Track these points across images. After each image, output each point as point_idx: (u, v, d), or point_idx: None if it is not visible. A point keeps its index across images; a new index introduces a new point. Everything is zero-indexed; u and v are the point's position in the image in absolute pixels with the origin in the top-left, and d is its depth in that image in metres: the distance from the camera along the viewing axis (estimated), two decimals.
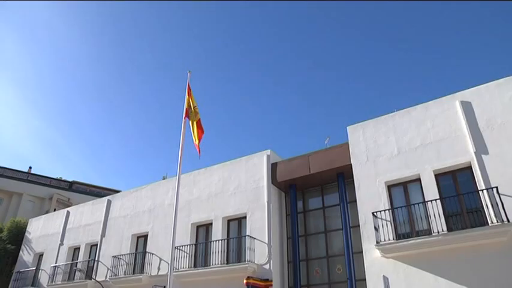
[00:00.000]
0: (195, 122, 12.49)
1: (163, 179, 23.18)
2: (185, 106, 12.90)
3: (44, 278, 22.02)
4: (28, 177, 42.40)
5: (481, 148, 11.90)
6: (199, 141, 12.34)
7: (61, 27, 75.17)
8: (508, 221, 10.51)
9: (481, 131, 12.14)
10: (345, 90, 76.90)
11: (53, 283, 20.87)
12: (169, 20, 78.72)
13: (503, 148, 11.58)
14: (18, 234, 25.98)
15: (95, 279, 19.08)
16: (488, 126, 12.10)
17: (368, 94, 72.66)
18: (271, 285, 14.01)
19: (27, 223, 26.52)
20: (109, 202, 21.68)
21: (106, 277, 18.90)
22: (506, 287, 10.29)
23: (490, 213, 10.99)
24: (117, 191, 30.20)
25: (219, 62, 78.98)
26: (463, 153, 12.19)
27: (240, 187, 16.64)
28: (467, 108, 12.63)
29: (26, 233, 25.56)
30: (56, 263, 21.85)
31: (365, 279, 12.54)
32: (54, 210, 33.74)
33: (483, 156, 11.78)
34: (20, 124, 78.30)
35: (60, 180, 45.07)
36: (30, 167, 44.60)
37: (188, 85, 13.20)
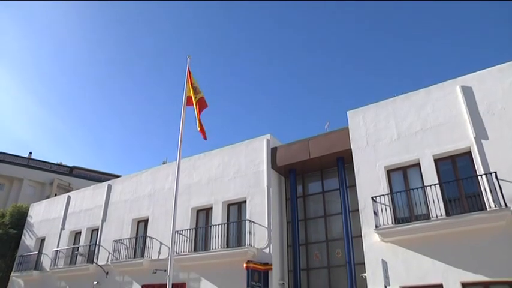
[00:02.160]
0: (196, 104, 12.32)
1: (163, 163, 23.17)
2: (185, 92, 12.80)
3: (46, 261, 22.25)
4: (28, 162, 42.56)
5: (481, 133, 11.87)
6: (199, 114, 12.26)
7: (60, 13, 74.42)
8: (506, 205, 10.55)
9: (481, 116, 12.09)
10: (345, 76, 76.52)
11: (55, 267, 21.10)
12: (169, 3, 77.88)
13: (503, 133, 11.55)
14: (20, 219, 26.20)
15: (96, 263, 19.27)
16: (488, 111, 12.05)
17: (369, 79, 72.33)
18: (271, 269, 14.14)
19: (28, 208, 26.71)
20: (109, 187, 21.76)
21: (107, 261, 19.08)
22: (504, 270, 10.39)
23: (488, 198, 11.02)
24: (118, 176, 30.29)
25: (219, 47, 78.40)
26: (463, 138, 12.17)
27: (239, 172, 16.67)
28: (468, 93, 12.56)
29: (28, 218, 25.76)
30: (57, 247, 22.06)
31: (364, 263, 12.64)
32: (55, 195, 33.89)
33: (483, 141, 11.76)
34: (19, 110, 78.18)
35: (60, 165, 45.22)
36: (30, 153, 44.76)
37: (188, 70, 13.11)
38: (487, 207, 10.96)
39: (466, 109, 12.33)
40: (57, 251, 21.72)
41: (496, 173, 10.98)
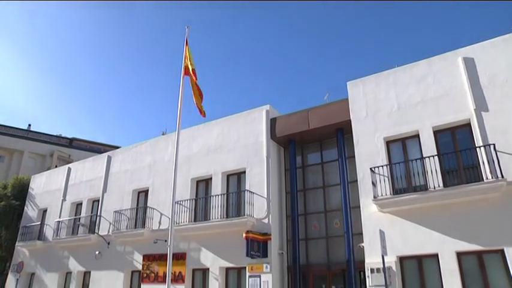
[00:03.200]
0: (195, 82, 12.36)
1: (163, 134, 23.14)
2: (183, 63, 12.77)
3: (49, 232, 22.58)
4: (28, 134, 42.50)
5: (481, 105, 11.78)
6: (200, 102, 12.27)
7: None
8: (503, 176, 10.58)
9: (482, 87, 11.96)
10: (346, 46, 75.48)
11: (58, 237, 21.41)
12: None
13: (504, 105, 11.46)
14: (21, 191, 26.44)
15: (98, 234, 19.54)
16: (490, 82, 11.91)
17: (369, 50, 71.39)
18: (270, 238, 14.34)
19: (29, 180, 26.88)
20: (109, 158, 21.81)
21: (108, 232, 19.35)
22: (497, 240, 10.56)
23: (486, 169, 11.05)
24: (117, 147, 30.30)
25: (218, 17, 76.99)
26: (463, 110, 12.08)
27: (239, 142, 16.65)
28: (470, 64, 12.38)
29: (29, 190, 25.97)
30: (59, 218, 22.32)
31: (362, 234, 12.81)
32: (56, 167, 34.03)
33: (483, 113, 11.69)
34: (16, 81, 77.56)
35: (60, 137, 45.19)
36: (29, 125, 44.67)
37: (186, 41, 12.95)
38: (484, 178, 11.01)
39: (467, 81, 12.19)
40: (59, 221, 21.99)
41: (494, 145, 10.96)
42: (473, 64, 12.33)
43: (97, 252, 19.22)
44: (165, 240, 14.69)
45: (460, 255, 11.02)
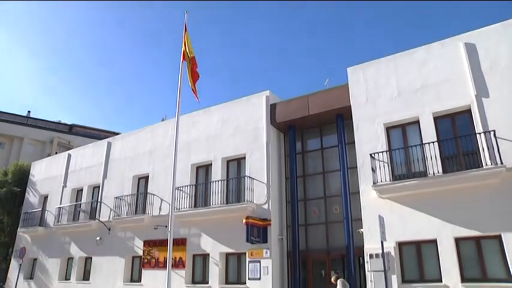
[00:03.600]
0: (190, 66, 12.36)
1: (163, 120, 23.09)
2: (182, 48, 12.75)
3: (50, 218, 22.72)
4: (27, 121, 42.42)
5: (482, 91, 11.71)
6: (194, 84, 12.25)
7: None
8: (502, 163, 10.58)
9: (483, 73, 11.86)
10: (347, 32, 74.87)
11: (59, 223, 21.54)
12: None
13: (505, 91, 11.40)
14: (22, 178, 26.53)
15: (98, 220, 19.64)
16: (491, 68, 11.81)
17: (370, 36, 70.82)
18: (270, 224, 14.41)
19: (30, 166, 26.93)
20: (109, 144, 21.81)
21: (109, 218, 19.44)
22: (495, 226, 10.62)
23: (485, 156, 11.04)
24: (117, 134, 30.28)
25: (217, 3, 76.18)
26: (464, 96, 12.02)
27: (239, 128, 16.62)
28: (471, 50, 12.26)
29: (30, 176, 26.05)
30: (60, 204, 22.42)
31: (361, 219, 12.87)
32: (56, 153, 34.03)
33: (483, 99, 11.63)
34: (15, 67, 77.18)
35: (59, 123, 45.13)
36: (28, 111, 44.58)
37: (185, 26, 12.88)
38: (484, 165, 11.01)
39: (468, 66, 12.09)
40: (60, 208, 22.10)
41: (494, 131, 10.94)
42: (475, 50, 12.21)
43: (98, 238, 19.36)
44: (166, 226, 14.78)
45: (458, 240, 11.10)
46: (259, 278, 13.97)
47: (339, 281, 12.12)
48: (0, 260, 27.00)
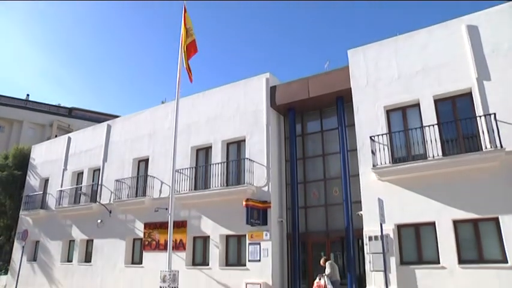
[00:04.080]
0: (185, 46, 12.40)
1: (162, 103, 22.98)
2: (182, 31, 12.75)
3: (51, 201, 22.82)
4: (27, 104, 42.33)
5: (483, 74, 11.62)
6: (188, 60, 12.26)
7: None
8: (502, 146, 10.57)
9: (485, 56, 11.75)
10: (347, 13, 73.99)
11: (60, 206, 21.65)
12: None
13: (506, 74, 11.30)
14: (22, 161, 26.64)
15: (99, 202, 19.74)
16: (493, 51, 11.68)
17: (371, 17, 70.00)
18: (270, 206, 14.49)
19: (30, 150, 26.95)
20: (109, 127, 21.76)
21: (110, 200, 19.53)
22: (492, 208, 10.68)
23: (485, 139, 11.02)
24: (117, 117, 30.20)
25: None
26: (465, 79, 11.93)
27: (239, 110, 16.57)
28: (474, 32, 12.11)
29: (31, 160, 26.09)
30: (61, 187, 22.51)
31: (360, 202, 12.93)
32: (55, 136, 34.04)
33: (484, 82, 11.55)
34: (14, 51, 76.57)
35: (59, 107, 45.04)
36: (27, 95, 44.47)
37: (184, 8, 12.85)
38: (483, 148, 11.00)
39: (470, 49, 11.97)
40: (61, 191, 22.19)
41: (495, 114, 10.89)
42: (477, 32, 12.06)
43: (99, 221, 19.48)
44: (166, 209, 14.85)
45: (456, 223, 11.18)
46: (259, 260, 14.10)
47: (327, 263, 12.32)
48: (3, 242, 27.30)
